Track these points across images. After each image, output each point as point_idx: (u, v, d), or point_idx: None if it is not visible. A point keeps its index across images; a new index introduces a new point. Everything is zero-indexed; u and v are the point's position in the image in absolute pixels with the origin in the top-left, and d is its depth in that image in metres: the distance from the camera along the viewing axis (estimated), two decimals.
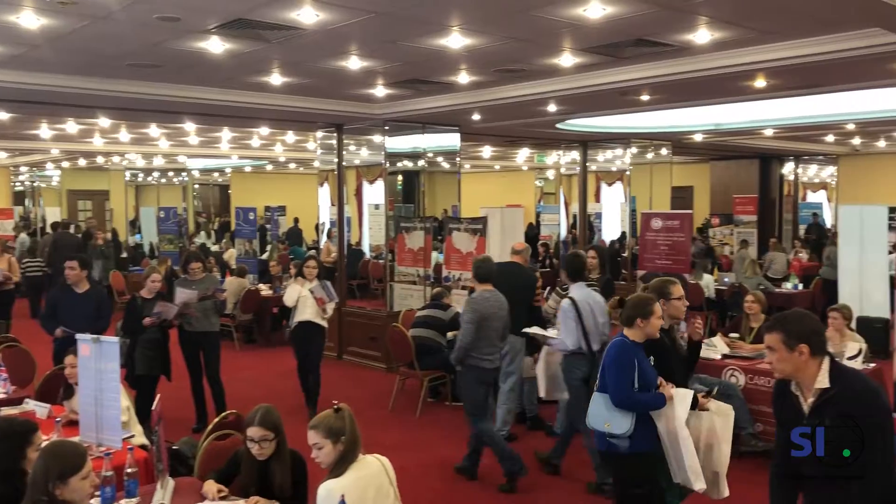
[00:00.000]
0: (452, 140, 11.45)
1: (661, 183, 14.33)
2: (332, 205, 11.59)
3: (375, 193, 11.16)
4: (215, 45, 6.24)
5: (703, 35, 5.96)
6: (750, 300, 7.52)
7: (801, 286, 12.41)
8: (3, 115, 10.42)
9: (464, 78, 7.87)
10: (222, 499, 3.56)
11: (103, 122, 11.18)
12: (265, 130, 13.05)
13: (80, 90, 7.83)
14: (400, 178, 11.64)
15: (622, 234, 14.49)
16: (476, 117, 10.30)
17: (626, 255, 13.75)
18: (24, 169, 21.88)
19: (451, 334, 7.99)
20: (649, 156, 14.26)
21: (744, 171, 18.45)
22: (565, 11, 5.31)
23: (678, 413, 4.13)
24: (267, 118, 10.57)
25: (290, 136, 14.46)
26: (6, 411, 4.73)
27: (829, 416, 2.93)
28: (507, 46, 6.41)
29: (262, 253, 16.04)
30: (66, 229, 15.61)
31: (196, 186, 24.88)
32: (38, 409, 4.91)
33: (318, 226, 16.14)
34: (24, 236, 18.44)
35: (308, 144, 15.19)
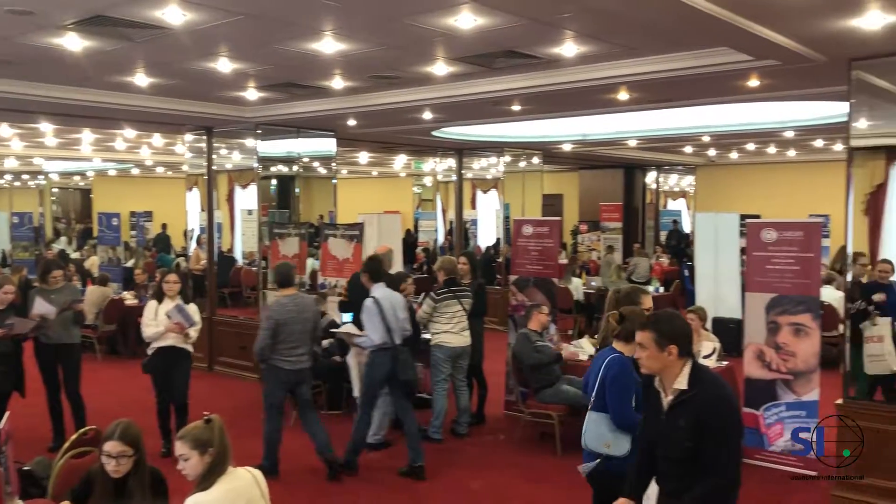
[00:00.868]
0: (328, 145, 11.35)
1: (533, 191, 14.78)
2: (202, 210, 11.22)
3: (248, 199, 10.89)
4: (73, 41, 5.91)
5: (569, 49, 6.20)
6: None
7: (662, 289, 13.08)
8: None
9: (338, 83, 7.82)
10: None
11: None
12: (130, 132, 12.47)
13: None
14: (274, 182, 11.40)
15: (497, 240, 14.82)
16: (352, 123, 10.26)
17: (500, 260, 14.06)
18: None
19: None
20: (522, 164, 14.68)
21: (610, 180, 19.30)
22: (437, 21, 5.39)
23: None
24: (131, 119, 10.10)
25: (158, 139, 13.88)
26: None
27: (683, 417, 3.11)
28: (381, 53, 6.43)
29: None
30: None
31: (55, 190, 23.44)
32: None
33: (186, 232, 15.57)
34: None
35: (176, 147, 14.63)
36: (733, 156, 17.24)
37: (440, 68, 7.03)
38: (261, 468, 6.04)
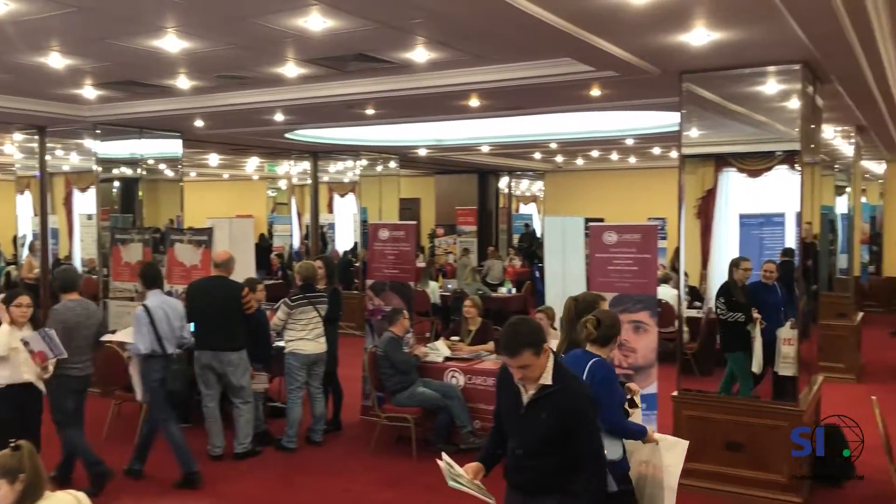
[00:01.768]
0: (174, 146, 10.88)
1: (390, 195, 14.83)
2: (35, 215, 10.45)
3: (87, 202, 10.25)
4: None
5: (421, 54, 6.26)
6: (468, 305, 8.02)
7: (514, 290, 13.48)
8: None
9: (184, 82, 7.52)
10: None
11: None
12: None
13: None
14: (116, 185, 10.79)
15: (355, 244, 14.74)
16: (199, 124, 9.89)
17: (358, 264, 13.99)
18: None
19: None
20: (379, 168, 14.68)
21: (465, 184, 19.71)
22: (286, 21, 5.29)
23: (666, 461, 4.06)
24: None
25: None
26: None
27: (545, 411, 3.20)
28: (229, 52, 6.24)
29: None
30: None
31: None
32: None
33: (16, 238, 14.43)
34: None
35: (5, 147, 13.54)
36: (579, 162, 18.04)
37: (291, 70, 6.91)
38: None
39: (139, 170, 10.63)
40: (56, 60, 6.43)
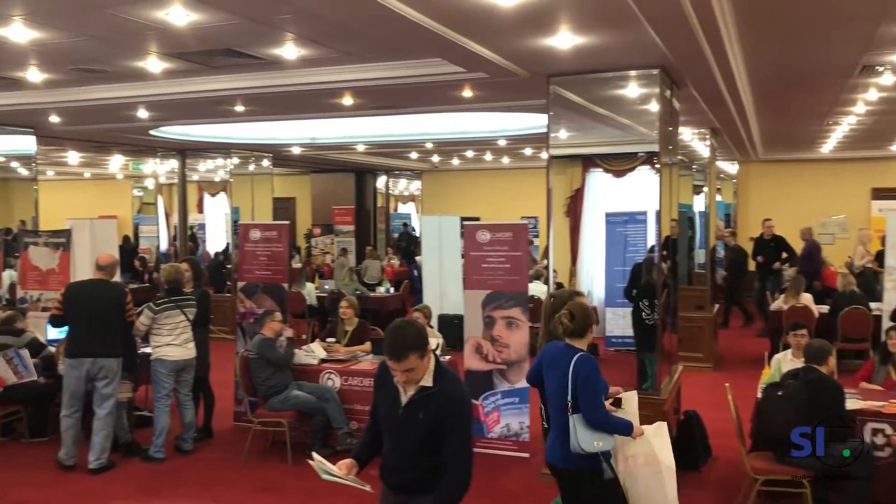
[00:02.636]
0: (26, 143, 10.21)
1: (263, 194, 14.50)
2: None
3: None
4: None
5: (290, 51, 6.14)
6: (344, 306, 7.95)
7: (392, 290, 13.48)
8: None
9: (35, 75, 7.04)
10: None
11: None
12: None
13: None
14: None
15: (227, 245, 14.31)
16: (55, 119, 9.31)
17: (230, 266, 13.58)
18: None
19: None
20: (251, 167, 14.32)
21: (342, 183, 19.54)
22: (146, 13, 5.05)
23: (657, 446, 4.19)
24: None
25: None
26: None
27: (423, 411, 3.20)
28: (83, 44, 5.90)
29: None
30: None
31: None
32: None
33: None
34: None
35: None
36: (455, 162, 18.27)
37: (154, 64, 6.61)
38: None
39: None
40: None
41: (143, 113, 8.97)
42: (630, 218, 7.79)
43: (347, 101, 8.09)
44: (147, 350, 7.00)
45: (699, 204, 12.58)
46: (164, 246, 16.07)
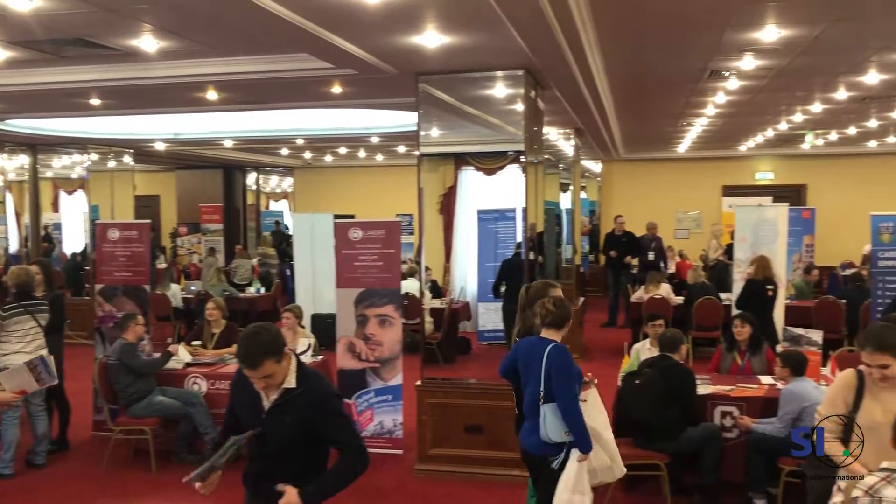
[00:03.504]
0: None
1: (124, 192, 13.81)
2: None
3: None
4: None
5: (149, 43, 5.85)
6: (211, 307, 7.70)
7: (263, 290, 13.17)
8: None
9: None
10: None
11: None
12: None
13: None
14: None
15: (85, 245, 13.53)
16: None
17: (89, 268, 12.85)
18: None
19: None
20: (111, 164, 13.59)
21: (209, 180, 18.89)
22: None
23: (599, 420, 4.39)
24: None
25: None
26: None
27: (289, 413, 3.13)
28: None
29: None
30: None
31: None
32: None
33: None
34: None
35: None
36: (328, 159, 18.06)
37: None
38: None
39: None
40: None
41: None
42: (500, 215, 7.99)
43: (212, 95, 7.82)
44: None
45: (566, 201, 13.03)
46: (13, 247, 15.03)
